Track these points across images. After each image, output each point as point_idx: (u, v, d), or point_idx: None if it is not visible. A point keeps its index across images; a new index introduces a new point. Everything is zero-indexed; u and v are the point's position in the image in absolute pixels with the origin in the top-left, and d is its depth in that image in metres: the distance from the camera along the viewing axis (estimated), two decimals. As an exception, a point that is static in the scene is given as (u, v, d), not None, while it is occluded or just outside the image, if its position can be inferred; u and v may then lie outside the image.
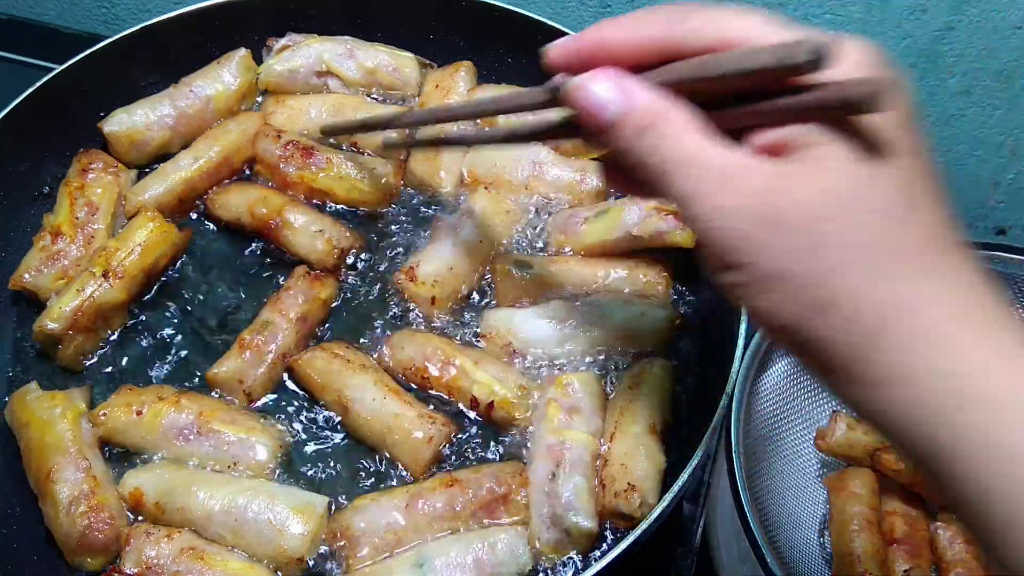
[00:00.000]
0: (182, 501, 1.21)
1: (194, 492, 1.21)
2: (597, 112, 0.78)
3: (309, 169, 1.51)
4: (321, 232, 1.44)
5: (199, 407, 1.29)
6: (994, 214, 1.97)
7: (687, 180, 0.73)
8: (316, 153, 1.51)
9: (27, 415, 1.28)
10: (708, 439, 1.13)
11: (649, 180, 0.76)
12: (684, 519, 1.38)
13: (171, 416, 1.28)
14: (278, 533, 1.18)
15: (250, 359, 1.34)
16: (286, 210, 1.46)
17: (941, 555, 1.48)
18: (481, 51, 1.65)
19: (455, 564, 1.15)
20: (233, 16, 1.62)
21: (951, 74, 1.74)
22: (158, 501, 1.22)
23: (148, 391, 1.32)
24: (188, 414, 1.28)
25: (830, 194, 0.69)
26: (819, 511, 1.57)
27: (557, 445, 1.22)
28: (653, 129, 0.75)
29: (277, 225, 1.45)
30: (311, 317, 1.39)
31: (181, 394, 1.32)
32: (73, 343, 1.36)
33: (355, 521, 1.19)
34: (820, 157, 0.70)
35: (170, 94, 1.57)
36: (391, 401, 1.29)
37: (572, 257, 1.44)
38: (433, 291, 1.39)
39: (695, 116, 0.75)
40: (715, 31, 0.75)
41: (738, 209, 0.71)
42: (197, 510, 1.20)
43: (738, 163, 0.72)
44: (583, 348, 1.34)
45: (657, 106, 0.75)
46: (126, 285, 1.39)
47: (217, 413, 1.29)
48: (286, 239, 1.45)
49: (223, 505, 1.20)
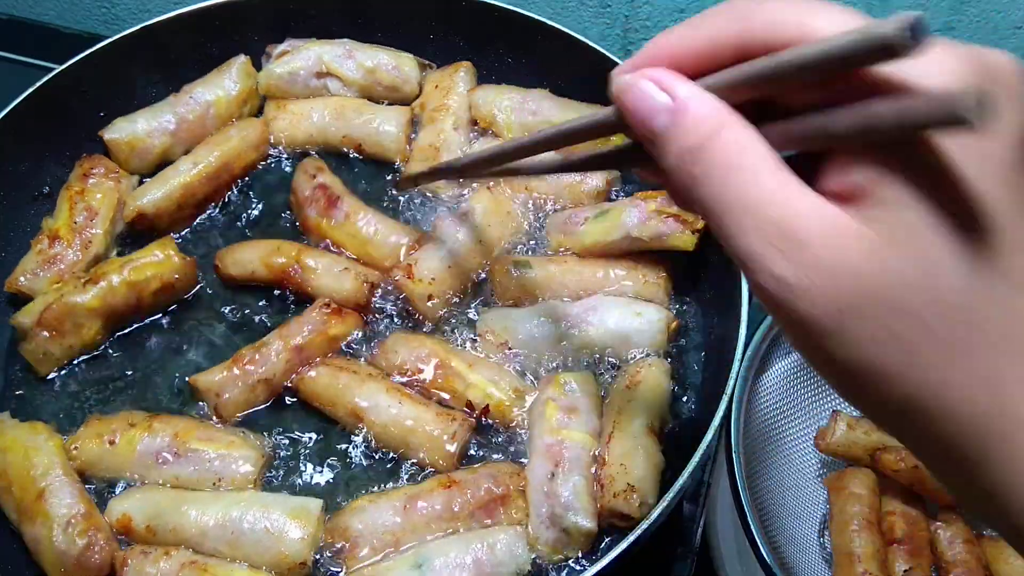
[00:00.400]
0: (174, 521, 1.20)
1: (185, 511, 1.20)
2: (647, 115, 0.63)
3: (327, 218, 1.47)
4: (347, 270, 1.41)
5: (173, 428, 1.27)
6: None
7: (760, 236, 0.57)
8: (340, 204, 1.47)
9: (4, 441, 1.25)
10: (708, 439, 1.13)
11: (701, 213, 0.62)
12: (684, 519, 1.38)
13: (146, 441, 1.25)
14: (277, 540, 1.17)
15: (235, 375, 1.32)
16: (303, 256, 1.42)
17: (941, 555, 1.48)
18: (481, 51, 1.65)
19: (454, 564, 1.15)
20: (233, 16, 1.62)
21: (951, 74, 1.74)
22: (148, 524, 1.20)
23: (117, 419, 1.29)
24: (163, 437, 1.26)
25: (929, 275, 0.55)
26: (819, 511, 1.57)
27: (556, 445, 1.22)
28: (714, 152, 0.59)
29: (296, 271, 1.41)
30: (309, 349, 1.35)
31: (152, 417, 1.29)
32: (35, 339, 1.34)
33: (353, 522, 1.19)
34: (908, 223, 0.55)
35: (171, 101, 1.57)
36: (407, 405, 1.28)
37: (571, 257, 1.44)
38: (430, 289, 1.38)
39: (766, 144, 0.59)
40: (795, 23, 0.59)
41: (836, 290, 0.55)
42: (191, 528, 1.19)
43: (834, 223, 0.56)
44: (579, 349, 1.34)
45: (721, 118, 0.60)
46: (102, 294, 1.36)
47: (193, 432, 1.27)
48: (309, 283, 1.41)
49: (217, 520, 1.19)
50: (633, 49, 1.86)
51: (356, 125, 1.59)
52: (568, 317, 1.35)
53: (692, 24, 0.65)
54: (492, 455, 1.30)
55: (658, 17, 1.78)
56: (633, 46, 1.85)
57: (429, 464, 1.27)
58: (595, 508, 1.19)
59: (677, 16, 1.76)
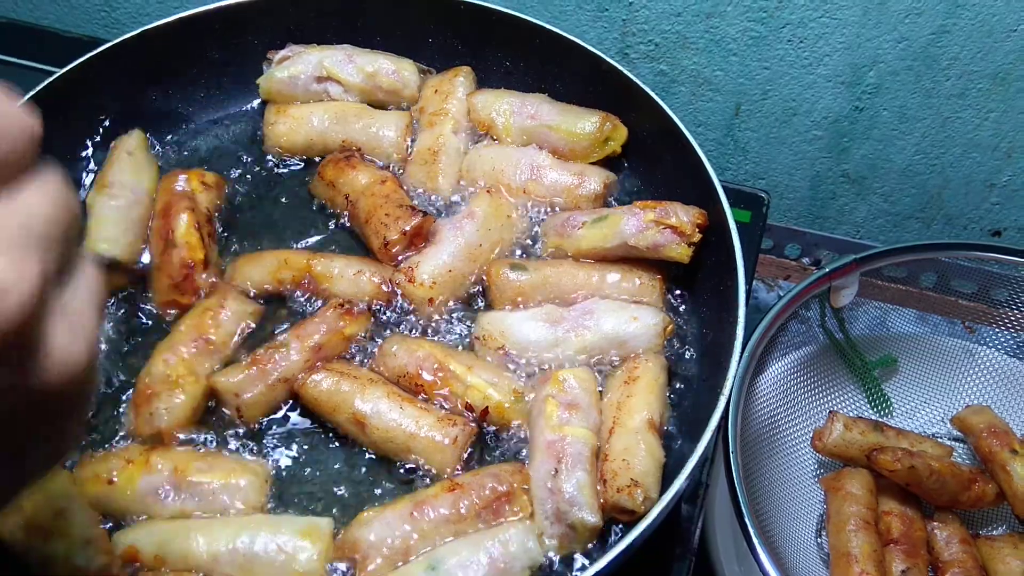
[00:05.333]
0: (184, 549, 1.18)
1: (194, 538, 1.18)
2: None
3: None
4: (361, 272, 1.42)
5: (172, 462, 1.24)
6: (989, 215, 1.98)
7: None
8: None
9: None
10: (705, 440, 1.14)
11: None
12: (682, 520, 1.38)
13: (145, 479, 1.23)
14: (290, 559, 1.17)
15: (254, 375, 1.32)
16: (313, 264, 1.43)
17: (938, 555, 1.49)
18: (480, 55, 1.66)
19: (468, 563, 1.15)
20: (232, 21, 1.63)
21: (947, 77, 1.75)
22: (157, 554, 1.18)
23: (112, 456, 1.26)
24: (162, 472, 1.23)
25: None
26: (816, 511, 1.58)
27: (558, 441, 1.23)
28: None
29: (310, 281, 1.42)
30: (327, 348, 1.35)
31: (149, 451, 1.26)
32: None
33: (363, 535, 1.19)
34: None
35: None
36: (408, 410, 1.29)
37: (567, 260, 1.44)
38: (431, 292, 1.39)
39: None
40: None
41: None
42: (202, 555, 1.18)
43: None
44: (575, 352, 1.35)
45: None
46: None
47: (192, 464, 1.24)
48: (326, 291, 1.42)
49: (228, 545, 1.18)
50: (631, 53, 1.87)
51: (356, 129, 1.60)
52: (564, 321, 1.36)
53: None
54: (494, 456, 1.30)
55: (656, 20, 1.79)
56: (631, 50, 1.86)
57: (432, 469, 1.28)
58: (599, 503, 1.20)
59: (674, 20, 1.77)
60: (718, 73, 1.85)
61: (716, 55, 1.82)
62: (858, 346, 1.71)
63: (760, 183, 2.04)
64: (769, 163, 2.01)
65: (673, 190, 1.44)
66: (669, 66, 1.87)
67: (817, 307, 1.66)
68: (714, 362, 1.31)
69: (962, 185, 1.92)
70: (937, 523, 1.51)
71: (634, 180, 1.57)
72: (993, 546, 1.49)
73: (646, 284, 1.40)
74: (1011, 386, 1.68)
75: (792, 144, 1.95)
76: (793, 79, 1.82)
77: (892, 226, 2.07)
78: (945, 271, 1.73)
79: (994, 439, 1.54)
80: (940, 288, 1.78)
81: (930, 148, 1.88)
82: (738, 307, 1.25)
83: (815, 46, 1.75)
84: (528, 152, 1.53)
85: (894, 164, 1.93)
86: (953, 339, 1.75)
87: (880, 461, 1.46)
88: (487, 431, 1.32)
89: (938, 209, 1.99)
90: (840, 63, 1.77)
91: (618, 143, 1.53)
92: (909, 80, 1.77)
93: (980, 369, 1.71)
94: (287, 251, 1.48)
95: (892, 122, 1.85)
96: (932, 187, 1.94)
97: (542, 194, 1.51)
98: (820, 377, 1.69)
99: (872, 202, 2.03)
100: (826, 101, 1.84)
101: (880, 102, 1.82)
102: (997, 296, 1.73)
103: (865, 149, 1.92)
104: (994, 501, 1.52)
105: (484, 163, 1.54)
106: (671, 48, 1.83)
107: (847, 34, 1.72)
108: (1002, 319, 1.73)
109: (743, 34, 1.77)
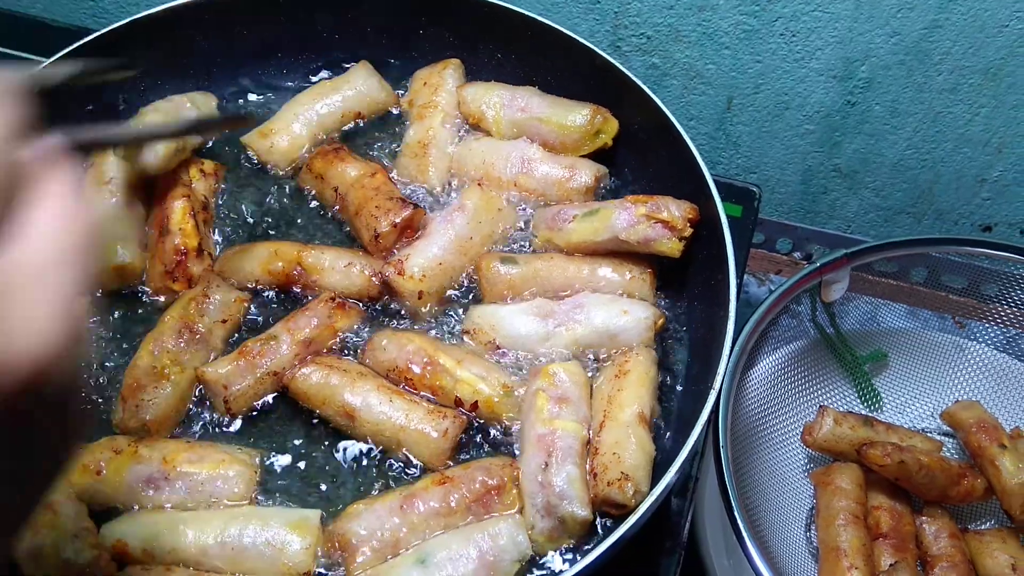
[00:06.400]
0: (172, 543, 1.18)
1: (183, 531, 1.18)
2: None
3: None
4: (352, 264, 1.41)
5: (160, 452, 1.24)
6: (980, 211, 1.99)
7: None
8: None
9: None
10: (695, 434, 1.14)
11: None
12: (672, 514, 1.38)
13: (134, 469, 1.22)
14: (279, 552, 1.17)
15: (243, 367, 1.31)
16: (304, 256, 1.42)
17: (927, 549, 1.49)
18: (470, 47, 1.65)
19: (457, 556, 1.15)
20: (219, 10, 1.61)
21: (938, 71, 1.75)
22: (145, 548, 1.18)
23: (99, 446, 1.25)
24: (151, 462, 1.23)
25: None
26: (805, 506, 1.58)
27: (548, 435, 1.23)
28: None
29: (300, 273, 1.41)
30: (317, 342, 1.35)
31: (137, 442, 1.25)
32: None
33: (352, 527, 1.19)
34: None
35: None
36: (398, 403, 1.28)
37: (558, 253, 1.44)
38: (421, 285, 1.38)
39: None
40: None
41: None
42: (191, 548, 1.18)
43: None
44: (566, 345, 1.35)
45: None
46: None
47: (181, 455, 1.24)
48: (316, 283, 1.41)
49: (216, 538, 1.18)
50: (623, 46, 1.86)
51: (342, 102, 1.61)
52: (555, 314, 1.36)
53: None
54: (483, 450, 1.30)
55: (648, 13, 1.78)
56: (623, 42, 1.85)
57: (421, 461, 1.27)
58: (589, 496, 1.19)
59: (666, 12, 1.77)
60: (710, 66, 1.85)
61: (708, 48, 1.81)
62: (848, 341, 1.71)
63: (752, 177, 2.04)
64: (761, 157, 2.00)
65: (664, 184, 1.44)
66: (661, 59, 1.86)
67: (808, 302, 1.66)
68: (705, 356, 1.30)
69: (953, 180, 1.92)
70: (926, 517, 1.52)
71: (625, 174, 1.57)
72: (982, 540, 1.50)
73: (637, 278, 1.40)
74: (1001, 381, 1.69)
75: (784, 138, 1.95)
76: (785, 73, 1.82)
77: (883, 221, 2.07)
78: (936, 266, 1.73)
79: (983, 434, 1.54)
80: (931, 283, 1.78)
81: (921, 143, 1.88)
82: (729, 301, 1.25)
83: (807, 40, 1.75)
84: (519, 145, 1.52)
85: (886, 159, 1.93)
86: (943, 334, 1.75)
87: (870, 456, 1.46)
88: (476, 424, 1.31)
89: (929, 204, 2.00)
90: (832, 57, 1.76)
91: (609, 136, 1.52)
92: (901, 75, 1.77)
93: (970, 364, 1.71)
94: (278, 242, 1.47)
95: (884, 117, 1.85)
96: (923, 182, 1.95)
97: (533, 187, 1.50)
98: (810, 372, 1.70)
99: (863, 197, 2.03)
100: (818, 95, 1.84)
101: (872, 96, 1.82)
102: (987, 291, 1.73)
103: (857, 144, 1.92)
104: (983, 496, 1.52)
105: (474, 156, 1.53)
106: (663, 41, 1.82)
107: (839, 28, 1.71)
108: (992, 314, 1.74)
109: (735, 27, 1.76)
